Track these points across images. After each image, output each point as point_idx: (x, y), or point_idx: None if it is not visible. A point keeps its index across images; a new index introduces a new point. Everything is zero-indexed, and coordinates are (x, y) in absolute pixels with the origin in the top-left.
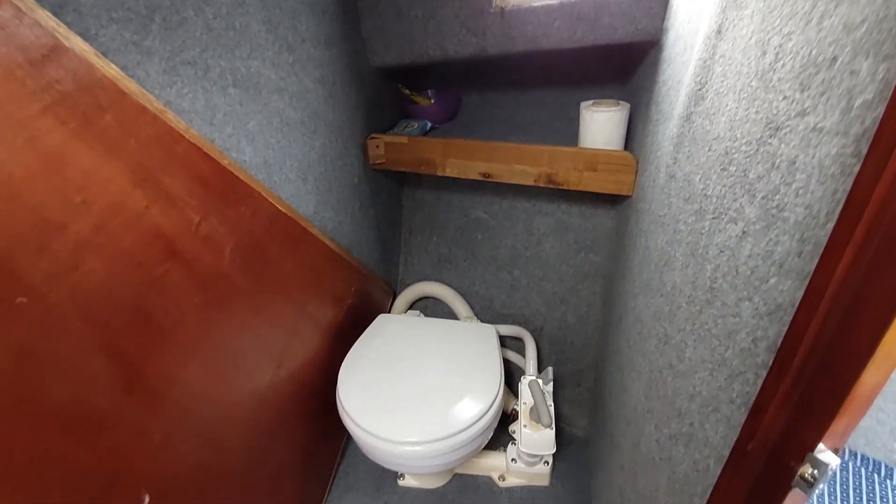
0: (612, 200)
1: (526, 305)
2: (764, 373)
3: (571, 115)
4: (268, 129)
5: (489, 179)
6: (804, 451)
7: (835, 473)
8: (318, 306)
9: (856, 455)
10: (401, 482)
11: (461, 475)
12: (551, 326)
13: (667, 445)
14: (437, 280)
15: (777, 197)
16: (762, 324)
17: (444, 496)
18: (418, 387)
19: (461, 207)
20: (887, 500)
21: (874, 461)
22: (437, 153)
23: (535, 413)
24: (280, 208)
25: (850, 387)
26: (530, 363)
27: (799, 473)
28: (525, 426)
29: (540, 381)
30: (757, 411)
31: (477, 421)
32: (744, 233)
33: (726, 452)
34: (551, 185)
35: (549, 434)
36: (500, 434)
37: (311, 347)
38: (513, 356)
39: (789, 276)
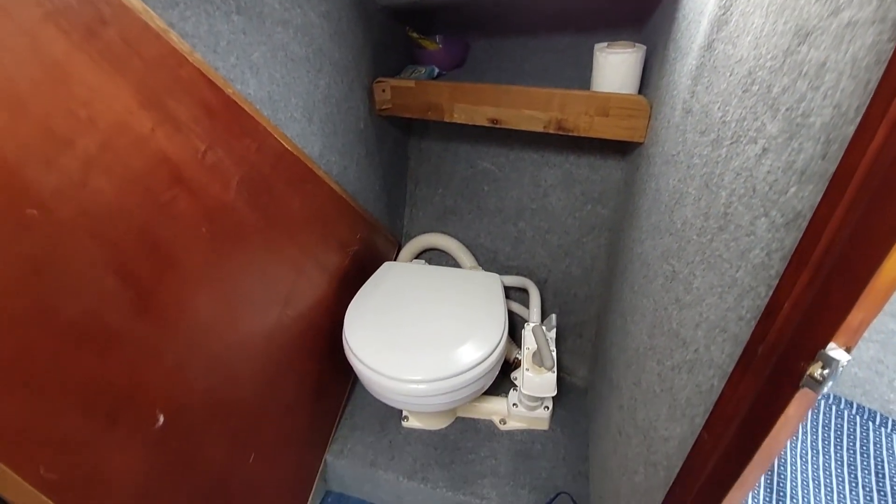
0: (623, 151)
1: (531, 258)
2: (776, 282)
3: (584, 61)
4: (272, 63)
5: (497, 125)
6: (815, 349)
7: (831, 413)
8: (323, 250)
9: (852, 404)
10: (405, 423)
11: (463, 418)
12: (555, 279)
13: (668, 376)
14: (442, 232)
15: (802, 105)
16: (778, 236)
17: (447, 437)
18: (423, 329)
19: (468, 158)
20: (880, 445)
21: (870, 410)
22: (444, 98)
23: (537, 357)
24: (286, 146)
25: (868, 278)
26: (534, 310)
27: (808, 373)
28: (527, 369)
29: (543, 327)
30: (769, 314)
31: (479, 363)
32: (764, 150)
33: (731, 369)
34: (561, 132)
35: (551, 377)
36: (502, 381)
37: (318, 290)
38: (516, 307)
39: (811, 180)
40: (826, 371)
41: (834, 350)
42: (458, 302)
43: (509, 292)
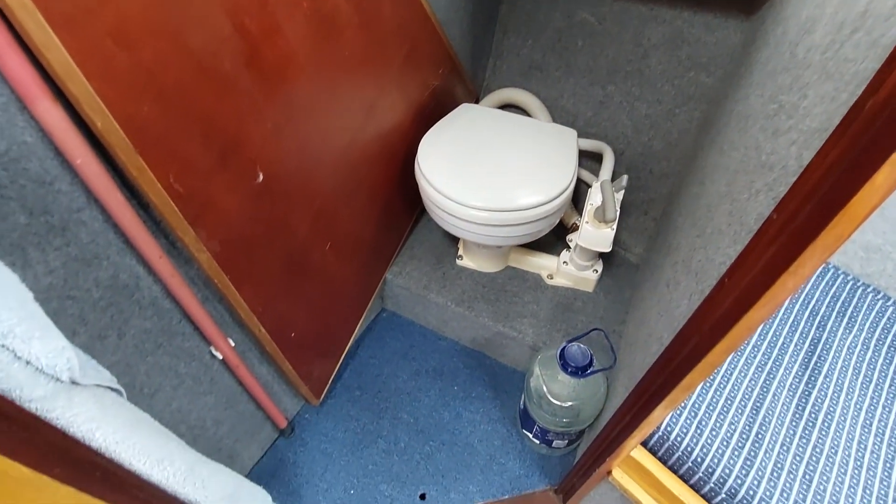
0: (748, 9)
1: (612, 126)
2: None
3: None
4: None
5: None
6: None
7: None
8: (405, 73)
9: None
10: (459, 262)
11: (514, 268)
12: (633, 152)
13: (741, 207)
14: (524, 88)
15: None
16: None
17: (495, 280)
18: (493, 165)
19: (566, 7)
20: (829, 285)
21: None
22: None
23: (599, 212)
24: None
25: None
26: (606, 167)
27: None
28: (587, 222)
29: (613, 186)
30: (885, 69)
31: (541, 205)
32: None
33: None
34: None
35: (609, 233)
36: (556, 242)
37: (397, 114)
38: (585, 174)
39: None
40: None
41: None
42: (530, 148)
43: (581, 160)
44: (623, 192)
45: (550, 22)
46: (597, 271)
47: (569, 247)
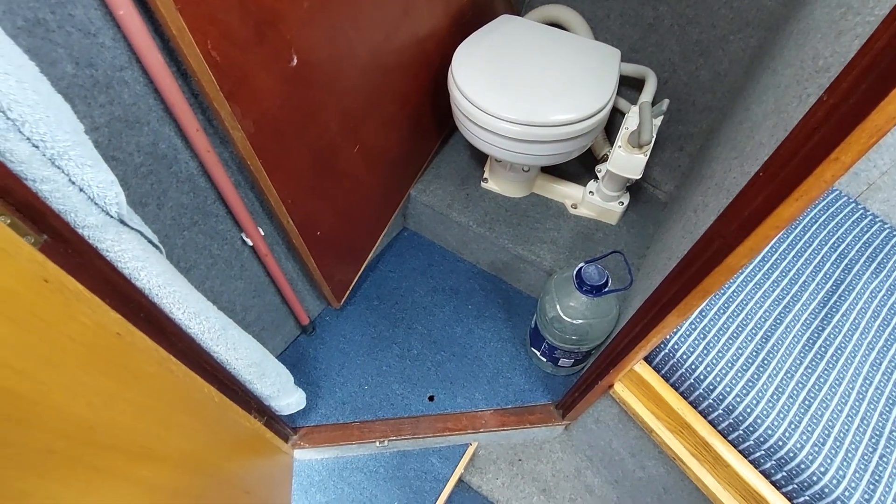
0: None
1: (659, 51)
2: None
3: None
4: None
5: None
6: None
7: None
8: None
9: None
10: (483, 185)
11: (538, 195)
12: (677, 81)
13: (788, 111)
14: (567, 6)
15: None
16: None
17: (518, 205)
18: (529, 79)
19: None
20: (864, 231)
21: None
22: None
23: (634, 136)
24: None
25: None
26: (648, 90)
27: None
28: (620, 146)
29: (652, 111)
30: None
31: (574, 123)
32: None
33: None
34: None
35: (641, 159)
36: (584, 172)
37: (433, 19)
38: (622, 104)
39: None
40: None
41: None
42: (570, 64)
43: (622, 89)
44: (662, 117)
45: None
46: (622, 203)
47: (597, 177)
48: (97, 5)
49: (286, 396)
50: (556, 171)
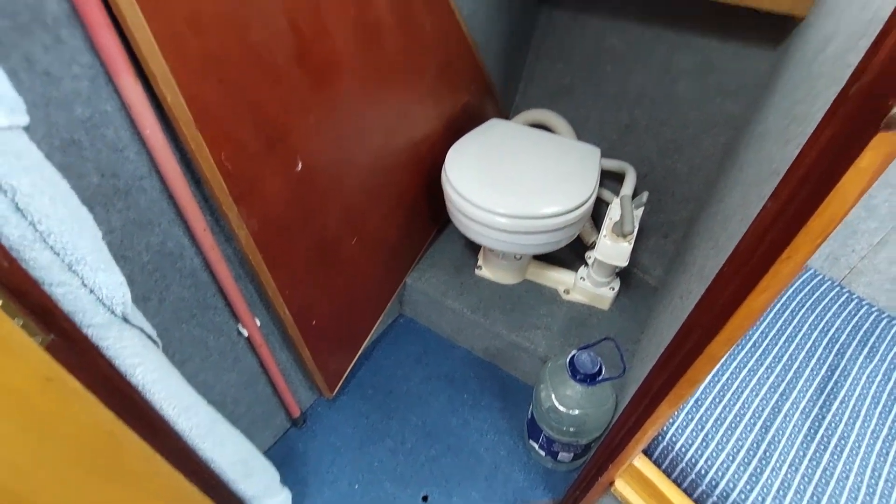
0: (776, 37)
1: (637, 149)
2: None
3: None
4: None
5: None
6: None
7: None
8: (439, 86)
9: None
10: (478, 272)
11: (531, 281)
12: (657, 175)
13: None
14: (552, 110)
15: None
16: None
17: (512, 292)
18: (516, 176)
19: (597, 33)
20: (852, 315)
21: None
22: None
23: (618, 226)
24: None
25: None
26: (628, 184)
27: (892, 112)
28: (605, 236)
29: (633, 203)
30: (877, 44)
31: (560, 215)
32: None
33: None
34: None
35: (626, 247)
36: (575, 258)
37: (428, 124)
38: (607, 195)
39: None
40: None
41: None
42: (555, 162)
43: (604, 181)
44: (642, 208)
45: (581, 47)
46: (613, 289)
47: (587, 263)
48: (127, 125)
49: (271, 497)
50: (549, 258)
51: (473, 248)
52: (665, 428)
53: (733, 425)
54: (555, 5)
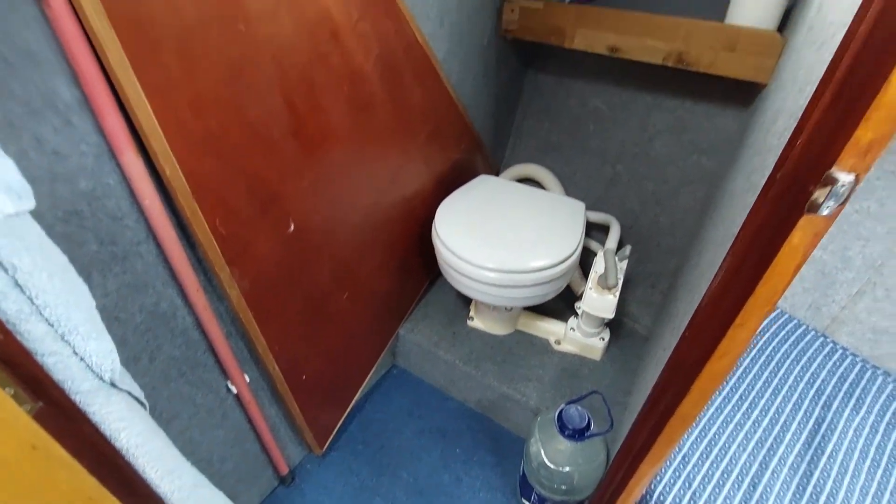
0: (744, 101)
1: (621, 202)
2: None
3: None
4: None
5: (616, 55)
6: (824, 171)
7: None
8: (430, 148)
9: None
10: (469, 323)
11: (522, 332)
12: (641, 226)
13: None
14: (540, 165)
15: None
16: None
17: (504, 343)
18: (504, 231)
19: (580, 95)
20: (837, 365)
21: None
22: (568, 22)
23: (602, 279)
24: (418, 38)
25: (875, 94)
26: (612, 238)
27: (813, 197)
28: (591, 289)
29: (616, 256)
30: (792, 140)
31: (548, 269)
32: None
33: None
34: (680, 66)
35: (612, 300)
36: (565, 309)
37: (418, 181)
38: (594, 245)
39: None
40: (829, 190)
41: (839, 172)
42: (541, 216)
43: (591, 231)
44: (626, 261)
45: (566, 108)
46: (603, 339)
47: (577, 314)
48: (127, 196)
49: None
50: (539, 308)
51: (465, 300)
52: (652, 485)
53: (721, 482)
54: (539, 69)
